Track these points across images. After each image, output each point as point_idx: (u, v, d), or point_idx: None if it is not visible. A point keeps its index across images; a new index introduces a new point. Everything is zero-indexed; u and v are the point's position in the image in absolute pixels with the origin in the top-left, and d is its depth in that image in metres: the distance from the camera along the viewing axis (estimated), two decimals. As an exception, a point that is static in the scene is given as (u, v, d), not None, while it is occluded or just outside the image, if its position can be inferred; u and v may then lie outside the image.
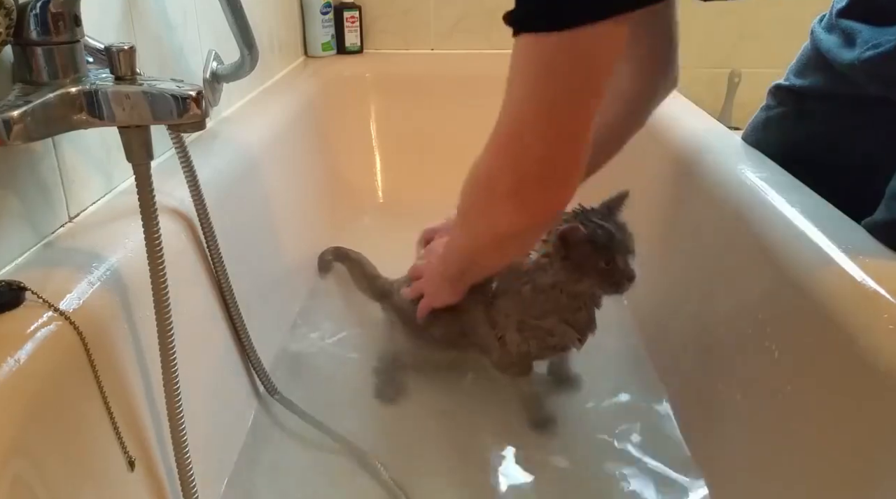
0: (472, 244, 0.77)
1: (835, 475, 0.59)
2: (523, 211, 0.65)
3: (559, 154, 0.60)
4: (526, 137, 0.60)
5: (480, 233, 0.73)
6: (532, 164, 0.61)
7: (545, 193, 0.63)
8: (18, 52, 0.54)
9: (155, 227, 0.58)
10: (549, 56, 0.56)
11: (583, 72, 0.57)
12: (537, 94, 0.58)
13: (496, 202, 0.65)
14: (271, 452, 0.86)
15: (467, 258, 0.81)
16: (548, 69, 0.57)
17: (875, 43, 0.74)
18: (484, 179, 0.67)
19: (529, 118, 0.59)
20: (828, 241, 0.67)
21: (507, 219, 0.66)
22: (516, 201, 0.64)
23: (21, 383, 0.48)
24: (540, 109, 0.59)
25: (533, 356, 0.91)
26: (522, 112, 0.60)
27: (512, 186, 0.63)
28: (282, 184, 1.16)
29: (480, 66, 1.66)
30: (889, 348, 0.54)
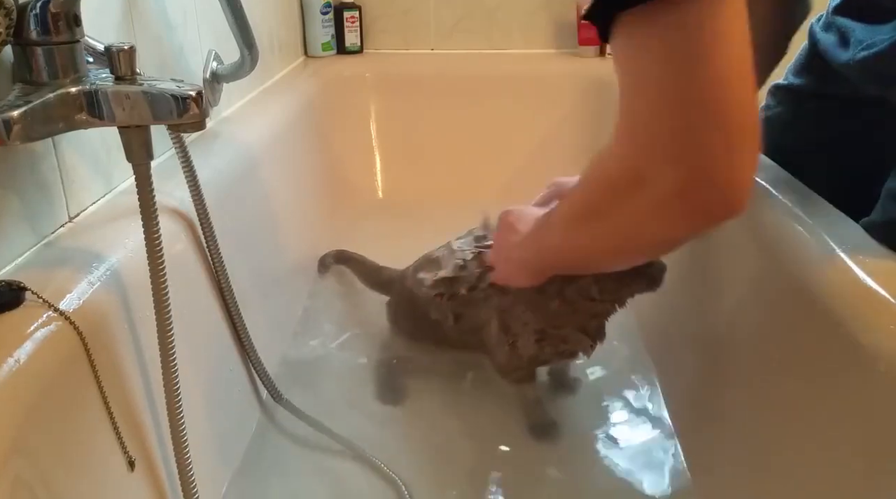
0: (578, 244, 0.67)
1: (835, 475, 0.59)
2: (688, 213, 0.52)
3: (729, 135, 0.48)
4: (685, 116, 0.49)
5: (600, 234, 0.62)
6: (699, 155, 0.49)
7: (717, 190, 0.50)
8: (18, 52, 0.54)
9: (155, 227, 0.58)
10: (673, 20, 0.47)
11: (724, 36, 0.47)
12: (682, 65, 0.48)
13: (653, 205, 0.53)
14: (274, 454, 0.86)
15: (565, 257, 0.72)
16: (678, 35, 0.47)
17: (869, 43, 0.74)
18: (628, 181, 0.54)
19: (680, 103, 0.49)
20: (828, 241, 0.67)
21: (668, 225, 0.54)
22: (684, 203, 0.51)
23: (21, 382, 0.48)
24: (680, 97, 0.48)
25: (541, 362, 0.90)
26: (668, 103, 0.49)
27: (677, 186, 0.50)
28: (282, 184, 1.16)
29: (480, 66, 1.66)
30: (889, 348, 0.54)
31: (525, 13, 1.68)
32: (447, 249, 0.94)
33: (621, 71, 0.52)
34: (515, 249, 0.80)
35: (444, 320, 0.92)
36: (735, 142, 0.48)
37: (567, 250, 0.70)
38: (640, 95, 0.51)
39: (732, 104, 0.48)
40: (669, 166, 0.50)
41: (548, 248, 0.73)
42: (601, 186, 0.59)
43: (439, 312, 0.92)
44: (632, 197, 0.54)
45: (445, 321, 0.92)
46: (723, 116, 0.48)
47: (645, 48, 0.49)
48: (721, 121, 0.48)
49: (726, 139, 0.48)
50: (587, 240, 0.65)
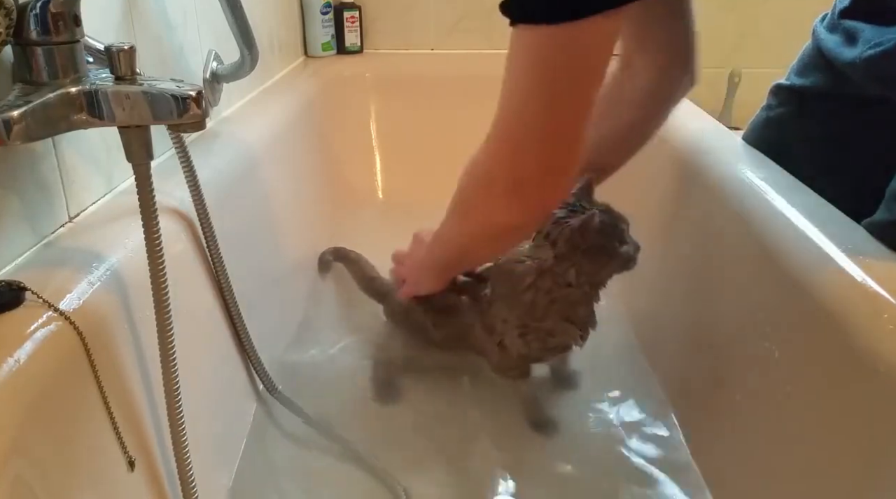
0: (463, 237, 0.77)
1: (835, 475, 0.59)
2: (522, 207, 0.65)
3: (558, 150, 0.61)
4: (525, 134, 0.61)
5: (474, 227, 0.73)
6: (531, 160, 0.61)
7: (544, 189, 0.63)
8: (18, 52, 0.54)
9: (155, 227, 0.58)
10: (547, 49, 0.56)
11: (581, 65, 0.57)
12: (535, 90, 0.58)
13: (494, 198, 0.66)
14: (272, 451, 0.86)
15: (456, 250, 0.81)
16: (546, 63, 0.57)
17: (876, 42, 0.74)
18: (482, 174, 0.67)
19: (528, 114, 0.60)
20: (828, 241, 0.67)
21: (505, 215, 0.66)
22: (515, 198, 0.64)
23: (21, 382, 0.48)
24: (539, 105, 0.59)
25: (533, 359, 0.90)
26: (521, 108, 0.60)
27: (511, 182, 0.63)
28: (282, 184, 1.16)
29: (480, 66, 1.65)
30: (889, 348, 0.54)
31: (525, 13, 1.67)
32: None
33: (504, 75, 0.61)
34: (418, 259, 0.89)
35: (427, 329, 0.93)
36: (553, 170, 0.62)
37: (453, 245, 0.80)
38: (502, 101, 0.62)
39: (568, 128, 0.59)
40: (504, 164, 0.63)
41: (441, 247, 0.83)
42: (466, 180, 0.71)
43: (423, 321, 0.94)
44: (484, 192, 0.68)
45: (429, 330, 0.93)
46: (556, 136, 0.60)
47: (518, 61, 0.59)
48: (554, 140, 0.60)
49: (548, 168, 0.61)
50: (457, 233, 0.77)
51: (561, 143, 0.60)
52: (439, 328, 0.93)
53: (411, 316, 0.96)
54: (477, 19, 1.69)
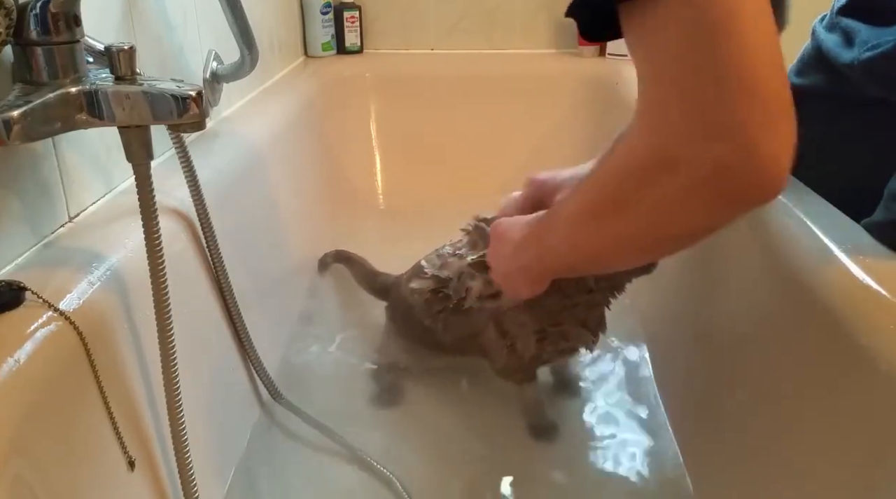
0: (594, 244, 0.61)
1: (835, 476, 0.59)
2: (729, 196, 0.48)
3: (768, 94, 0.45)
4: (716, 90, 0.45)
5: (632, 231, 0.56)
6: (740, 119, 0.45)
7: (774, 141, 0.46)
8: (18, 52, 0.54)
9: (155, 227, 0.58)
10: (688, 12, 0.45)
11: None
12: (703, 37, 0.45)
13: (685, 190, 0.49)
14: (274, 455, 0.86)
15: (578, 260, 0.66)
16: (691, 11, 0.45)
17: (874, 44, 0.74)
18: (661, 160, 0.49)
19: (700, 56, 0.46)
20: (828, 241, 0.67)
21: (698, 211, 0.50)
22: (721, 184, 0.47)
23: (21, 382, 0.48)
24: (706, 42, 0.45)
25: (543, 361, 0.90)
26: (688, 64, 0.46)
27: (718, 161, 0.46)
28: (282, 184, 1.16)
29: (480, 66, 1.66)
30: (889, 348, 0.54)
31: (525, 13, 1.68)
32: (436, 255, 0.94)
33: (638, 60, 0.49)
34: (511, 260, 0.75)
35: (435, 329, 0.92)
36: (773, 112, 0.45)
37: (573, 250, 0.64)
38: (662, 79, 0.48)
39: (764, 73, 0.45)
40: (708, 143, 0.46)
41: (549, 250, 0.68)
42: (623, 175, 0.54)
43: (431, 321, 0.92)
44: (660, 183, 0.50)
45: (437, 329, 0.92)
46: (756, 86, 0.45)
47: (660, 31, 0.47)
48: (755, 91, 0.45)
49: (764, 110, 0.45)
50: (600, 237, 0.59)
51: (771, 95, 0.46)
52: (448, 330, 0.91)
53: (413, 316, 0.95)
54: (477, 19, 1.69)
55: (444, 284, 0.89)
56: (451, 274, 0.89)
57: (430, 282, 0.91)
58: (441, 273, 0.90)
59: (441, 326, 0.91)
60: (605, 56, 1.63)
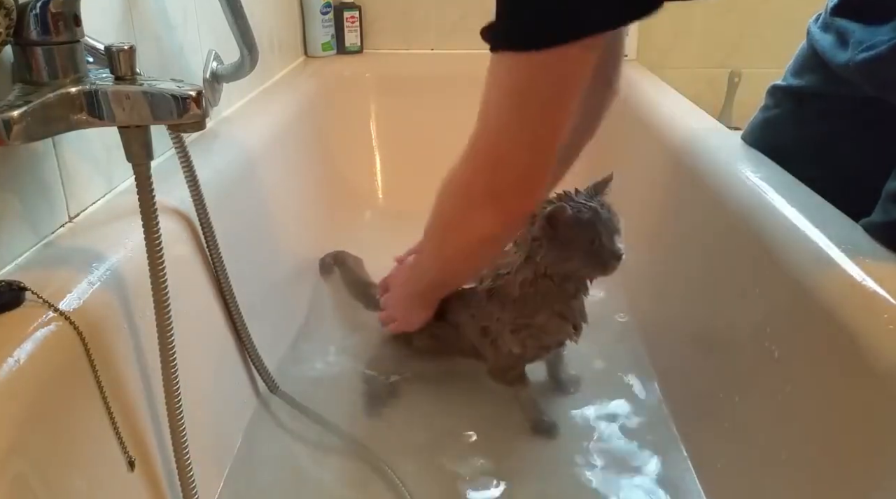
0: (444, 256, 0.81)
1: (834, 476, 0.59)
2: (500, 216, 0.70)
3: (533, 160, 0.66)
4: (503, 146, 0.66)
5: (454, 242, 0.77)
6: (509, 169, 0.67)
7: (520, 196, 0.69)
8: (18, 52, 0.54)
9: (155, 227, 0.58)
10: (527, 74, 0.61)
11: (557, 89, 0.62)
12: (516, 110, 0.63)
13: (473, 207, 0.71)
14: (270, 449, 0.86)
15: (438, 271, 0.84)
16: (525, 86, 0.62)
17: (869, 44, 0.74)
18: (462, 186, 0.72)
19: (507, 129, 0.65)
20: (828, 241, 0.67)
21: (484, 222, 0.71)
22: (494, 204, 0.69)
23: (21, 382, 0.48)
24: (519, 124, 0.64)
25: (529, 358, 0.90)
26: (501, 124, 0.65)
27: (489, 189, 0.68)
28: (282, 184, 1.16)
29: (480, 66, 1.64)
30: (889, 349, 0.54)
31: (525, 13, 1.67)
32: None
33: (484, 93, 0.66)
34: (404, 292, 0.92)
35: (425, 341, 0.95)
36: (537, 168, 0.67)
37: (435, 269, 0.84)
38: (481, 119, 0.67)
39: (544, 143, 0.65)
40: (484, 175, 0.69)
41: (423, 274, 0.87)
42: (445, 197, 0.76)
43: (418, 337, 0.95)
44: (464, 202, 0.73)
45: (427, 342, 0.95)
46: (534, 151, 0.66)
47: (498, 83, 0.64)
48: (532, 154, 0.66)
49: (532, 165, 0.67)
50: (440, 252, 0.81)
51: (538, 156, 0.66)
52: (432, 338, 0.94)
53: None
54: (477, 19, 1.66)
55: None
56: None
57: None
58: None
59: (423, 335, 0.95)
60: (605, 56, 1.63)
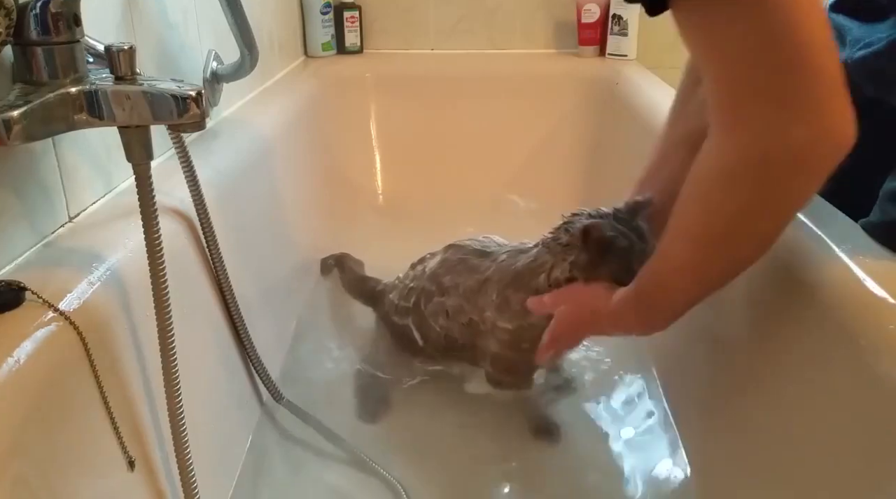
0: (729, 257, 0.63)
1: (834, 477, 0.59)
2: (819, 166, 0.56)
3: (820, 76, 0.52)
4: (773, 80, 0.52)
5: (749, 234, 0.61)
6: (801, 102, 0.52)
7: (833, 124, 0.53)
8: (18, 52, 0.54)
9: (155, 227, 0.58)
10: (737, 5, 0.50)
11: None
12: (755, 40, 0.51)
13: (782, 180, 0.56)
14: (276, 457, 0.86)
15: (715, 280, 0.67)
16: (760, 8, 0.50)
17: (866, 42, 0.74)
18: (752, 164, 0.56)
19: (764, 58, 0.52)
20: (827, 241, 0.67)
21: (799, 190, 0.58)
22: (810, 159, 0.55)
23: (21, 382, 0.48)
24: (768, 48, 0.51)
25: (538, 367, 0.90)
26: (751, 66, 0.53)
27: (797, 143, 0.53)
28: (282, 184, 1.16)
29: (480, 66, 1.66)
30: (889, 349, 0.54)
31: (525, 13, 1.68)
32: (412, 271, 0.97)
33: (700, 55, 0.54)
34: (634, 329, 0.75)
35: (418, 340, 0.94)
36: (835, 89, 0.52)
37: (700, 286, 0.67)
38: (733, 77, 0.54)
39: (823, 57, 0.51)
40: (791, 129, 0.53)
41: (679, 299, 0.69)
42: (726, 189, 0.58)
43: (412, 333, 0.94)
44: (759, 179, 0.56)
45: (418, 341, 0.94)
46: (819, 70, 0.51)
47: (726, 28, 0.52)
48: (819, 75, 0.51)
49: (828, 89, 0.52)
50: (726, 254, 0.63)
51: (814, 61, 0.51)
52: (437, 341, 0.92)
53: (402, 322, 0.96)
54: (477, 19, 1.69)
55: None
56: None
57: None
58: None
59: (418, 338, 0.93)
60: (605, 56, 1.63)
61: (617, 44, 1.61)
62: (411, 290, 0.94)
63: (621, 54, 1.61)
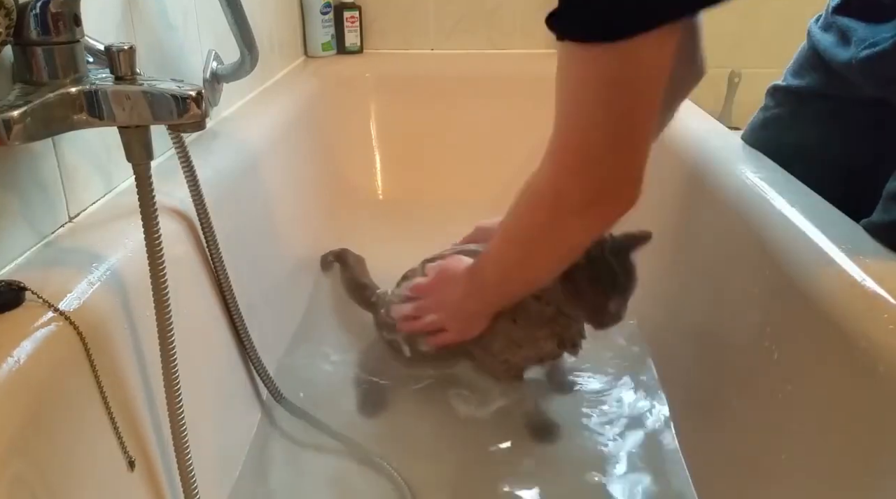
0: (528, 269, 0.74)
1: (834, 477, 0.59)
2: (594, 220, 0.64)
3: (629, 159, 0.60)
4: (594, 146, 0.59)
5: (540, 255, 0.71)
6: (602, 171, 0.60)
7: (616, 201, 0.62)
8: (18, 52, 0.54)
9: (155, 227, 0.58)
10: (607, 65, 0.55)
11: (644, 80, 0.56)
12: (600, 104, 0.57)
13: (562, 217, 0.64)
14: (276, 455, 0.86)
15: (515, 283, 0.78)
16: (607, 77, 0.55)
17: (872, 41, 0.74)
18: (549, 196, 0.64)
19: (595, 127, 0.58)
20: (828, 241, 0.67)
21: (577, 234, 0.66)
22: (589, 215, 0.63)
23: (21, 382, 0.48)
24: (605, 118, 0.57)
25: (527, 367, 0.90)
26: (586, 123, 0.58)
27: (585, 200, 0.62)
28: (282, 184, 1.16)
29: (480, 66, 1.66)
30: (889, 349, 0.54)
31: (525, 13, 1.68)
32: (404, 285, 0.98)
33: (559, 86, 0.59)
34: (462, 304, 0.84)
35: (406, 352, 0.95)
36: (639, 173, 0.60)
37: (514, 281, 0.77)
38: (571, 113, 0.60)
39: (638, 137, 0.59)
40: (579, 179, 0.61)
41: (497, 286, 0.79)
42: (528, 206, 0.69)
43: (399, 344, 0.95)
44: (553, 214, 0.65)
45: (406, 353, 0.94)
46: (629, 146, 0.59)
47: (578, 77, 0.57)
48: (634, 159, 0.60)
49: (636, 171, 0.60)
50: (525, 264, 0.74)
51: (634, 153, 0.59)
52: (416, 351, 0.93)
53: (390, 336, 0.97)
54: (477, 19, 1.69)
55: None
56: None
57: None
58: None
59: (406, 349, 0.94)
60: (605, 56, 1.63)
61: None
62: (396, 300, 0.96)
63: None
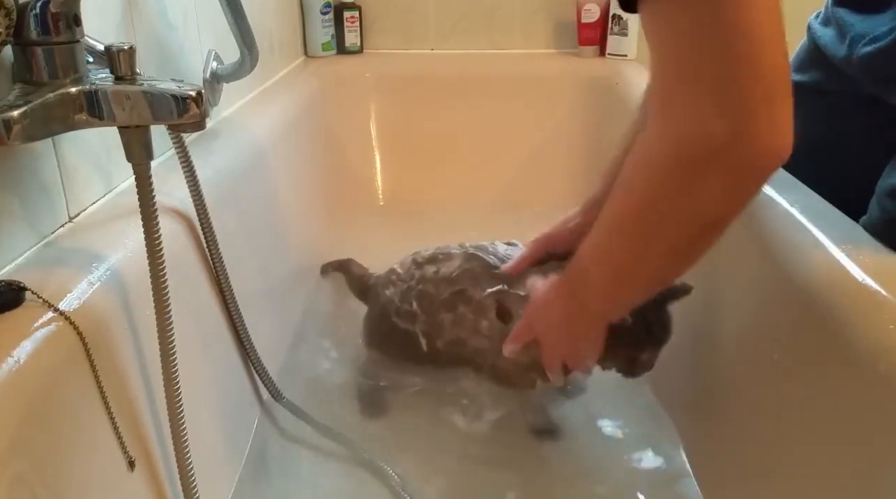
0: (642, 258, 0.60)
1: (834, 477, 0.59)
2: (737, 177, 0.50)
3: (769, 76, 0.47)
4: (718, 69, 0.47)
5: (661, 235, 0.57)
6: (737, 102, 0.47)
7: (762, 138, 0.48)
8: (18, 52, 0.54)
9: (155, 227, 0.58)
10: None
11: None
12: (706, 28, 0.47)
13: (694, 177, 0.51)
14: (277, 457, 0.86)
15: (630, 284, 0.63)
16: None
17: (871, 37, 0.74)
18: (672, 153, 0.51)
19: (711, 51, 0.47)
20: (828, 240, 0.67)
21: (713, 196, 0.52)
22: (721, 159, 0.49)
23: (21, 382, 0.48)
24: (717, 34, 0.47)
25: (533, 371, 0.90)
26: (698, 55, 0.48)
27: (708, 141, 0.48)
28: (282, 184, 1.16)
29: (480, 66, 1.66)
30: (889, 348, 0.54)
31: (525, 13, 1.68)
32: (410, 260, 0.95)
33: (652, 44, 0.51)
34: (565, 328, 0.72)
35: (423, 346, 0.91)
36: (775, 94, 0.48)
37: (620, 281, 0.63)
38: (672, 61, 0.50)
39: (767, 56, 0.47)
40: (716, 122, 0.48)
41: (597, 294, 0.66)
42: (644, 176, 0.55)
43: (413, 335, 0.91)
44: (681, 173, 0.51)
45: (422, 347, 0.91)
46: (759, 68, 0.47)
47: (674, 15, 0.48)
48: (760, 74, 0.47)
49: (767, 92, 0.47)
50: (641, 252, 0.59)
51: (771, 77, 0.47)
52: (432, 340, 0.91)
53: (390, 325, 0.94)
54: (477, 19, 1.69)
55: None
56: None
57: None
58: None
59: (423, 342, 0.90)
60: (605, 56, 1.63)
61: (617, 44, 1.61)
62: (420, 293, 0.90)
63: (621, 54, 1.61)
